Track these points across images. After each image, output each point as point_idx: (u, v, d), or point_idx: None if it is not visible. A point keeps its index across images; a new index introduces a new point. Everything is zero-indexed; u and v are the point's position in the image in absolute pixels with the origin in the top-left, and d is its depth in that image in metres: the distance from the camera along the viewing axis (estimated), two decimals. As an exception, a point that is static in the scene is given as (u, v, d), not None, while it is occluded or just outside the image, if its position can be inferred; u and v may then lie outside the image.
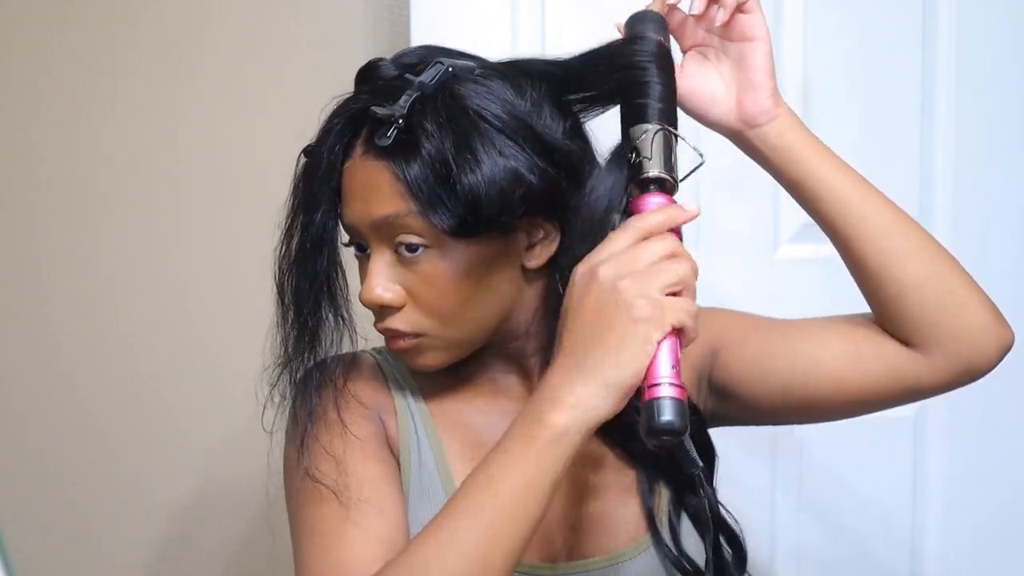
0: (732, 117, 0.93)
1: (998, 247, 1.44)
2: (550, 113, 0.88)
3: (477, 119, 0.84)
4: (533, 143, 0.86)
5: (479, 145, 0.83)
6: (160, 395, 1.45)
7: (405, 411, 0.95)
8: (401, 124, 0.84)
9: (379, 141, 0.84)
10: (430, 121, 0.84)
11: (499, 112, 0.85)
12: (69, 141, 1.42)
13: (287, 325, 0.91)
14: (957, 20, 1.41)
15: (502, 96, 0.86)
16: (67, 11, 1.41)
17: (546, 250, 0.90)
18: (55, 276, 1.44)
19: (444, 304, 0.88)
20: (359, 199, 0.87)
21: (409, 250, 0.86)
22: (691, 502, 0.97)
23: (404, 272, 0.88)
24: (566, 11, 1.36)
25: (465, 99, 0.85)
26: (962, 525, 1.47)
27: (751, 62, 0.92)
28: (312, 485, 0.88)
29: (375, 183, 0.85)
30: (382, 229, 0.86)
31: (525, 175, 0.85)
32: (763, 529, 1.43)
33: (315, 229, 0.88)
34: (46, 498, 1.45)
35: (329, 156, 0.87)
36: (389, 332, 0.90)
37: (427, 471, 0.93)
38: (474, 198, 0.83)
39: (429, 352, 0.90)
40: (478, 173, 0.83)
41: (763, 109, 0.92)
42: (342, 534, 0.85)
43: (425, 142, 0.83)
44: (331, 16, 1.42)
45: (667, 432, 0.73)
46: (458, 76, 0.87)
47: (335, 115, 0.89)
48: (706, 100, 0.94)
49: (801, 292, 1.40)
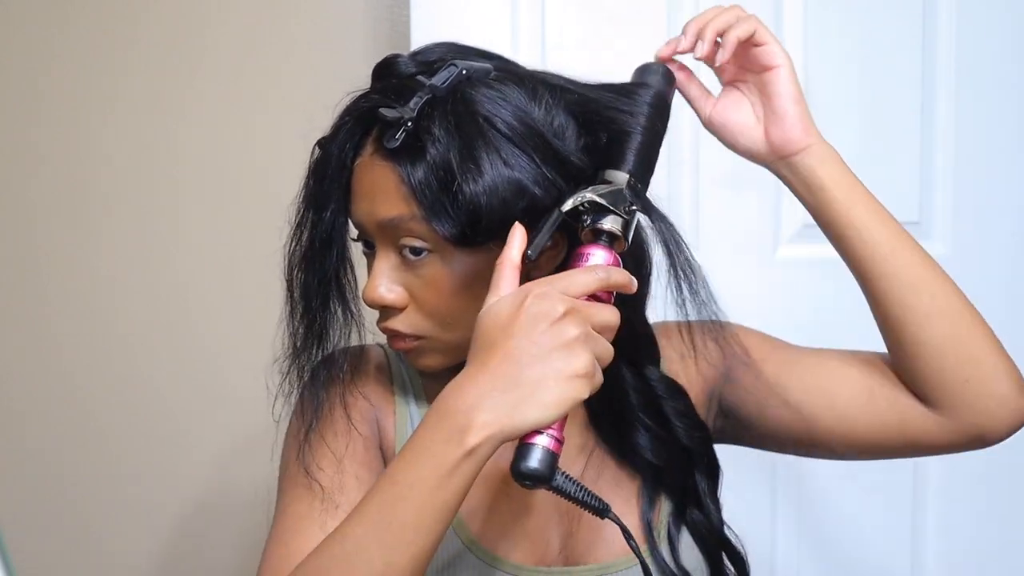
0: (761, 147, 0.93)
1: (998, 247, 1.44)
2: (565, 123, 0.86)
3: (485, 126, 0.83)
4: (543, 152, 0.84)
5: (484, 154, 0.82)
6: (160, 395, 1.45)
7: (404, 412, 0.95)
8: (409, 127, 0.83)
9: (387, 143, 0.83)
10: (438, 126, 0.83)
11: (509, 119, 0.83)
12: (69, 141, 1.42)
13: (296, 320, 0.91)
14: (957, 20, 1.41)
15: (515, 102, 0.84)
16: (67, 11, 1.41)
17: (551, 261, 0.88)
18: (55, 276, 1.44)
19: (445, 309, 0.87)
20: (366, 199, 0.86)
21: (413, 253, 0.86)
22: (692, 517, 0.96)
23: (407, 274, 0.87)
24: (566, 11, 1.36)
25: (475, 104, 0.83)
26: (962, 531, 1.47)
27: (773, 90, 0.92)
28: (304, 479, 0.89)
29: (381, 184, 0.85)
30: (387, 231, 0.86)
31: (529, 187, 0.83)
32: (763, 542, 1.44)
33: (325, 226, 0.87)
34: (46, 498, 1.45)
35: (340, 153, 0.86)
36: (390, 332, 0.90)
37: None
38: (474, 208, 0.81)
39: (429, 354, 0.90)
40: (480, 183, 0.81)
41: (790, 138, 0.91)
42: (302, 531, 0.85)
43: (431, 147, 0.82)
44: (331, 16, 1.42)
45: (530, 478, 0.75)
46: (471, 79, 0.85)
47: (347, 112, 0.88)
48: (736, 131, 0.94)
49: (801, 292, 1.40)
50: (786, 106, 0.92)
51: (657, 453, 0.96)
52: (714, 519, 0.97)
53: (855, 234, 0.91)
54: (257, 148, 1.41)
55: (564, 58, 1.35)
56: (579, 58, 1.35)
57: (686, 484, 0.96)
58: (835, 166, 0.92)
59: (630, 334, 0.88)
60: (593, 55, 1.36)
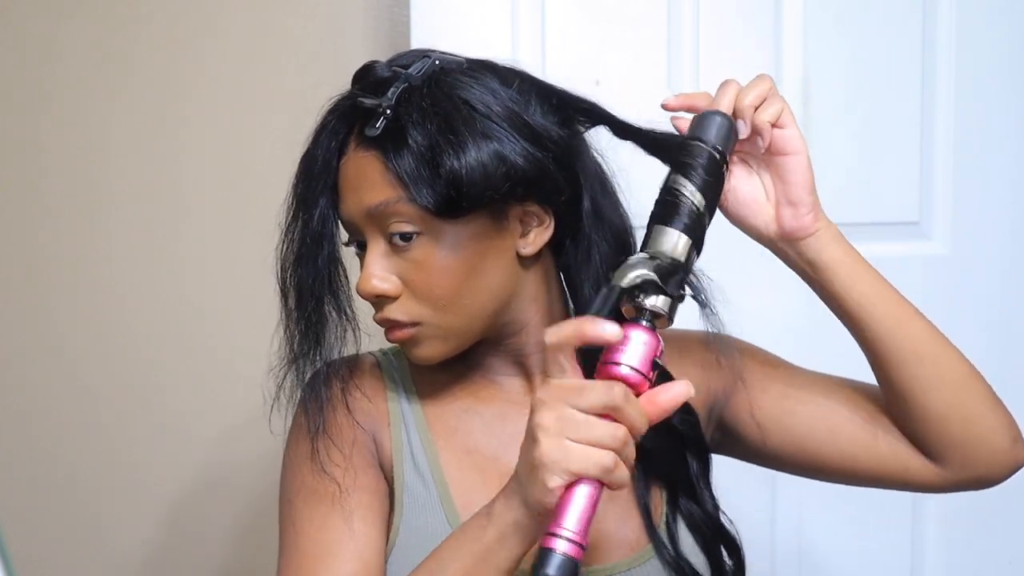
0: (771, 230, 0.91)
1: (998, 247, 1.44)
2: (538, 105, 0.89)
3: (462, 105, 0.86)
4: (519, 129, 0.87)
5: (462, 127, 0.85)
6: (161, 394, 1.45)
7: (399, 420, 0.95)
8: (389, 115, 0.86)
9: (368, 132, 0.86)
10: (416, 109, 0.85)
11: (484, 99, 0.87)
12: (72, 141, 1.42)
13: (291, 323, 0.92)
14: (957, 20, 1.41)
15: (488, 85, 0.88)
16: (70, 13, 1.41)
17: (540, 237, 0.91)
18: (58, 274, 1.44)
19: (438, 290, 0.88)
20: (354, 191, 0.88)
21: (403, 239, 0.87)
22: (688, 506, 0.96)
23: (399, 261, 0.88)
24: (566, 11, 1.36)
25: (450, 88, 0.87)
26: (961, 527, 1.47)
27: (790, 177, 0.90)
28: (313, 483, 0.89)
29: (366, 173, 0.87)
30: (375, 218, 0.87)
31: (508, 155, 0.85)
32: (763, 542, 1.44)
33: (315, 224, 0.89)
34: (47, 498, 1.45)
35: (325, 153, 0.89)
36: (387, 322, 0.90)
37: (422, 479, 0.93)
38: (455, 177, 0.84)
39: (427, 342, 0.91)
40: (461, 155, 0.84)
41: (802, 225, 0.90)
42: (326, 542, 0.87)
43: (412, 130, 0.85)
44: (331, 16, 1.42)
45: None
46: (445, 69, 0.89)
47: (329, 113, 0.90)
48: (746, 209, 0.92)
49: (801, 292, 1.39)
50: (801, 195, 0.90)
51: (648, 434, 0.96)
52: (708, 506, 0.97)
53: (858, 309, 0.91)
54: (257, 149, 1.42)
55: (564, 58, 1.35)
56: (579, 58, 1.36)
57: (678, 469, 0.96)
58: (839, 246, 0.91)
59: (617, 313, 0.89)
60: (593, 55, 1.36)
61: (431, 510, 0.91)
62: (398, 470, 0.93)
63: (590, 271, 0.95)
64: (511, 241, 0.90)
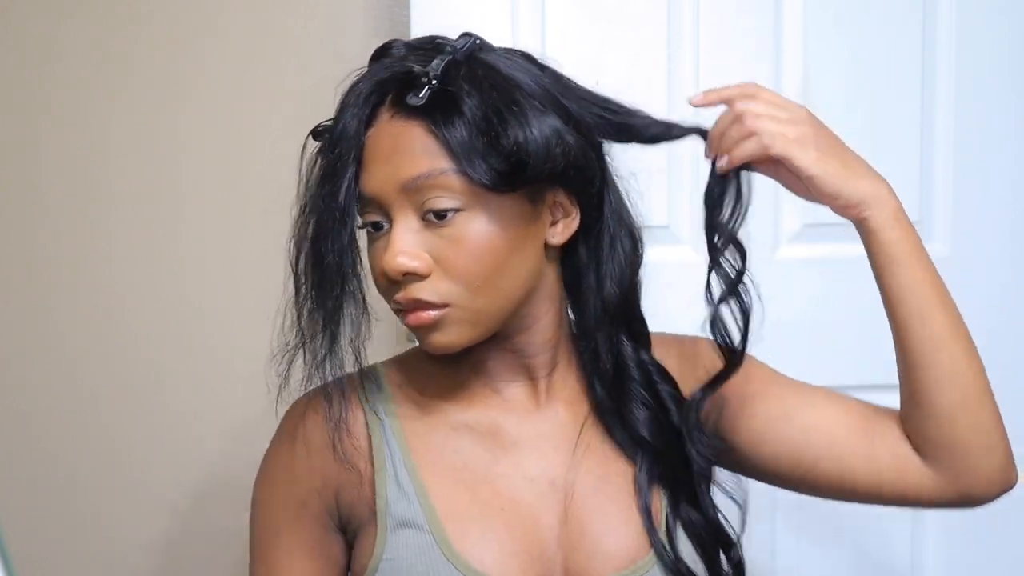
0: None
1: (998, 247, 1.44)
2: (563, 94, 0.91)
3: (514, 83, 0.87)
4: (560, 112, 0.88)
5: (522, 99, 0.85)
6: (161, 394, 1.45)
7: (382, 445, 0.93)
8: (435, 85, 0.84)
9: (411, 100, 0.84)
10: (467, 82, 0.85)
11: (528, 80, 0.88)
12: (72, 139, 1.42)
13: (304, 306, 0.89)
14: (957, 20, 1.41)
15: (527, 68, 0.89)
16: (70, 13, 1.41)
17: (568, 228, 0.91)
18: (57, 274, 1.44)
19: (475, 268, 0.86)
20: (386, 163, 0.86)
21: (437, 217, 0.85)
22: (689, 515, 0.96)
23: (431, 238, 0.86)
24: (566, 11, 1.36)
25: (497, 66, 0.88)
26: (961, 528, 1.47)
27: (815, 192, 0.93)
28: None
29: (404, 143, 0.85)
30: (411, 192, 0.85)
31: (564, 133, 0.86)
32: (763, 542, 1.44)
33: (342, 197, 0.86)
34: (47, 498, 1.45)
35: (355, 123, 0.86)
36: (412, 304, 0.87)
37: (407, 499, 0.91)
38: (519, 150, 0.84)
39: (452, 327, 0.87)
40: (525, 126, 0.84)
41: (846, 217, 0.93)
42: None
43: (466, 99, 0.84)
44: (331, 16, 1.42)
45: None
46: (485, 48, 0.90)
47: (357, 83, 0.88)
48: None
49: (801, 292, 1.40)
50: (828, 201, 0.93)
51: (653, 431, 0.96)
52: (708, 511, 0.97)
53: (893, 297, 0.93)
54: (257, 147, 1.41)
55: (564, 58, 1.34)
56: (579, 58, 1.36)
57: (680, 471, 0.96)
58: (883, 234, 0.92)
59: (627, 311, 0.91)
60: (593, 55, 1.36)
61: (421, 530, 0.90)
62: (381, 491, 0.92)
63: (614, 264, 0.94)
64: (542, 229, 0.90)
